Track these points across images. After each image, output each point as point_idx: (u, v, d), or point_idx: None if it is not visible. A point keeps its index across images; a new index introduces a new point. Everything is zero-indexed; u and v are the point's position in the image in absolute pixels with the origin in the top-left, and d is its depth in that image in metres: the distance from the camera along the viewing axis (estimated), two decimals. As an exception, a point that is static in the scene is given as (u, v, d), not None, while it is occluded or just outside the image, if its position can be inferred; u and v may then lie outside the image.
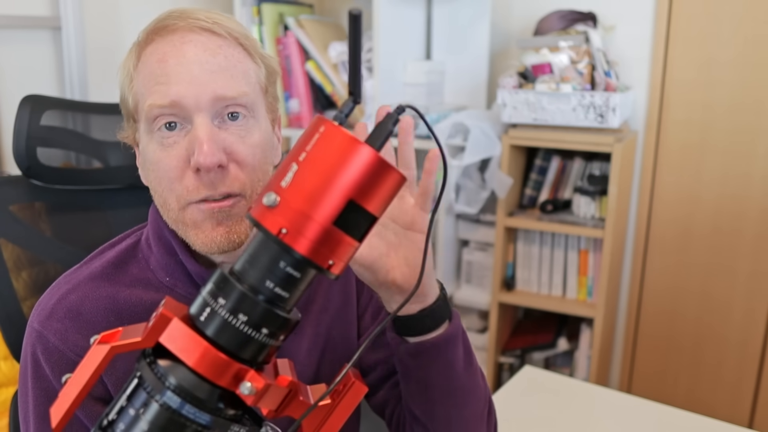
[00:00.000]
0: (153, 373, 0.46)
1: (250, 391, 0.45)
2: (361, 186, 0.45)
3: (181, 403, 0.45)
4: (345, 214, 0.45)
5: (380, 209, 0.47)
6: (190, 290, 0.75)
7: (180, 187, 0.69)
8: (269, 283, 0.46)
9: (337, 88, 2.26)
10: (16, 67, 1.91)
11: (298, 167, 0.45)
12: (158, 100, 0.67)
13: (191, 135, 0.68)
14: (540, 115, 1.95)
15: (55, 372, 0.70)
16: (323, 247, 0.45)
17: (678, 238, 2.21)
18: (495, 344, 2.20)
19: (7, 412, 1.02)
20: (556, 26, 2.06)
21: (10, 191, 0.98)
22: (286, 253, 0.46)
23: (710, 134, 2.12)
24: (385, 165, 0.46)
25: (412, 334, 0.68)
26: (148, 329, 0.47)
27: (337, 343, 0.84)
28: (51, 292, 0.74)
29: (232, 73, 0.70)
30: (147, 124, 0.70)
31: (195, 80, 0.67)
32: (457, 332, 0.69)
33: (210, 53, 0.69)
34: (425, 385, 0.70)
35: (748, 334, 2.15)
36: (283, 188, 0.45)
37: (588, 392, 1.35)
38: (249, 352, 0.47)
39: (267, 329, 0.46)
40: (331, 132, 0.45)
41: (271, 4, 2.28)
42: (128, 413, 0.46)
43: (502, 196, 2.06)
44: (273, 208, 0.45)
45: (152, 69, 0.69)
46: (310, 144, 0.46)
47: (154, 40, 0.70)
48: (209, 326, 0.46)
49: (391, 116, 0.50)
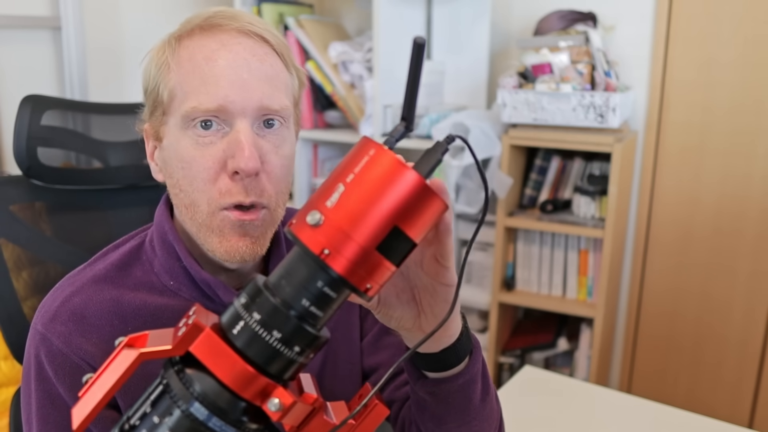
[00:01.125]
0: (181, 383, 0.46)
1: (278, 408, 0.45)
2: (405, 212, 0.45)
3: (209, 416, 0.45)
4: (388, 239, 0.45)
5: (420, 236, 0.47)
6: (195, 294, 0.75)
7: (213, 189, 0.68)
8: (305, 301, 0.46)
9: (337, 88, 2.26)
10: (16, 67, 1.91)
11: (345, 188, 0.45)
12: (205, 103, 0.67)
13: (231, 138, 0.68)
14: (540, 115, 1.96)
15: (58, 375, 0.70)
16: (361, 270, 0.45)
17: (678, 238, 2.21)
18: (495, 344, 2.20)
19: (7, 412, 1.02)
20: (556, 26, 2.06)
21: (10, 191, 0.98)
22: (324, 273, 0.45)
23: (710, 134, 2.12)
24: (430, 192, 0.46)
25: (431, 370, 0.65)
26: (179, 338, 0.46)
27: (339, 346, 0.84)
28: (54, 293, 0.74)
29: (276, 84, 0.70)
30: (183, 120, 0.69)
31: (245, 85, 0.67)
32: (476, 372, 0.66)
33: (258, 59, 0.69)
34: (440, 419, 0.68)
35: (748, 334, 2.15)
36: (329, 208, 0.45)
37: (588, 392, 1.35)
38: (277, 368, 0.46)
39: (298, 346, 0.46)
40: (380, 156, 0.45)
41: (271, 4, 2.28)
42: (151, 420, 0.46)
43: (502, 196, 2.06)
44: (316, 228, 0.45)
45: (198, 66, 0.68)
46: (358, 166, 0.45)
47: (198, 35, 0.70)
48: (240, 339, 0.46)
49: (441, 145, 0.50)
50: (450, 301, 0.59)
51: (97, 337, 0.71)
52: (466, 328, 0.64)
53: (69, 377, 0.70)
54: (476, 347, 0.66)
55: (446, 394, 0.65)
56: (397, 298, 0.60)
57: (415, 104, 0.49)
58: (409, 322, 0.61)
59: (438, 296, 0.59)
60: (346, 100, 2.25)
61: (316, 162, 2.43)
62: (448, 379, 0.64)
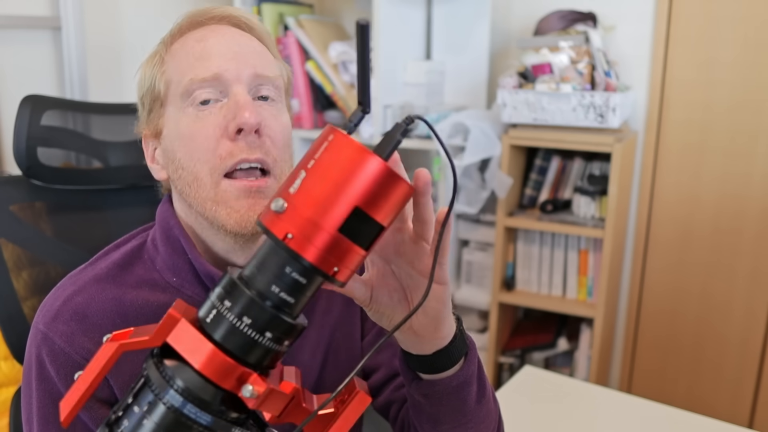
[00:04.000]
0: (159, 373, 0.47)
1: (252, 394, 0.46)
2: (367, 194, 0.45)
3: (183, 402, 0.46)
4: (351, 222, 0.45)
5: (388, 219, 0.48)
6: (198, 291, 0.75)
7: (214, 157, 0.69)
8: (275, 288, 0.47)
9: (337, 88, 2.26)
10: (16, 67, 1.91)
11: (306, 174, 0.46)
12: (200, 74, 0.70)
13: (230, 102, 0.70)
14: (540, 115, 1.96)
15: (60, 374, 0.70)
16: (329, 254, 0.46)
17: (678, 237, 2.22)
18: (495, 344, 2.20)
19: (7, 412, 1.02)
20: (556, 26, 2.06)
21: (10, 191, 0.98)
22: (292, 259, 0.46)
23: (710, 134, 2.12)
24: (392, 174, 0.46)
25: (424, 372, 0.65)
26: (156, 329, 0.47)
27: (340, 346, 0.84)
28: (56, 293, 0.74)
29: (267, 58, 0.74)
30: (181, 100, 0.71)
31: (237, 56, 0.71)
32: (471, 374, 0.65)
33: (247, 38, 0.74)
34: (435, 420, 0.68)
35: (748, 334, 2.16)
36: (291, 194, 0.46)
37: (588, 392, 1.35)
38: (254, 356, 0.47)
39: (272, 334, 0.47)
40: (339, 141, 0.46)
41: (271, 4, 2.28)
42: (133, 411, 0.47)
43: (502, 196, 2.06)
44: (281, 214, 0.46)
45: (191, 48, 0.72)
46: (318, 152, 0.46)
47: (187, 31, 0.74)
48: (216, 329, 0.47)
49: (400, 126, 0.50)
50: (442, 299, 0.59)
51: (99, 336, 0.71)
52: (461, 331, 0.64)
53: (71, 377, 0.70)
54: (472, 349, 0.66)
55: (440, 395, 0.65)
56: (389, 297, 0.60)
57: (368, 87, 0.49)
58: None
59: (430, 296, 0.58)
60: (346, 100, 2.25)
61: (316, 162, 2.43)
62: (441, 381, 0.64)
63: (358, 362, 0.84)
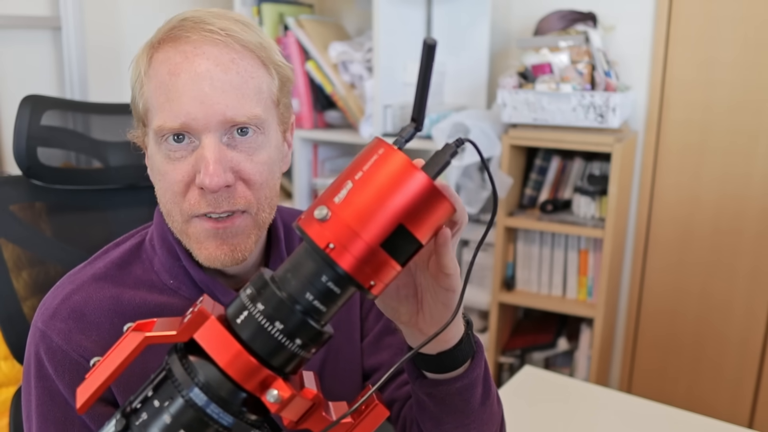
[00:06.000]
0: (183, 368, 0.46)
1: (276, 399, 0.46)
2: (412, 211, 0.45)
3: (207, 402, 0.46)
4: (393, 238, 0.45)
5: (427, 236, 0.48)
6: (195, 294, 0.75)
7: (183, 201, 0.69)
8: (309, 295, 0.47)
9: (337, 88, 2.26)
10: (16, 67, 1.91)
11: (353, 185, 0.46)
12: (168, 122, 0.67)
13: (198, 153, 0.67)
14: (540, 115, 1.95)
15: (58, 372, 0.70)
16: (367, 267, 0.45)
17: (678, 237, 2.21)
18: (495, 344, 2.20)
19: (7, 412, 1.02)
20: (556, 26, 2.06)
21: (10, 191, 0.98)
22: (329, 268, 0.46)
23: (710, 134, 2.12)
24: (437, 193, 0.46)
25: (430, 371, 0.65)
26: (183, 324, 0.47)
27: (340, 345, 0.84)
28: (55, 291, 0.74)
29: (244, 91, 0.68)
30: (155, 136, 0.69)
31: (206, 99, 0.66)
32: (476, 377, 0.65)
33: (222, 69, 0.67)
34: (438, 419, 0.68)
35: (748, 334, 2.15)
36: (336, 204, 0.46)
37: (588, 392, 1.35)
38: (279, 360, 0.47)
39: (300, 340, 0.47)
40: (389, 155, 0.46)
41: (271, 4, 2.28)
42: (152, 404, 0.47)
43: (502, 196, 2.06)
44: (323, 222, 0.45)
45: (163, 80, 0.68)
46: (367, 164, 0.46)
47: (165, 47, 0.69)
48: (244, 329, 0.47)
49: (450, 147, 0.51)
50: (451, 305, 0.58)
51: (97, 335, 0.71)
52: (468, 334, 0.64)
53: (69, 374, 0.70)
54: (478, 352, 0.66)
55: (444, 395, 0.65)
56: (397, 292, 0.60)
57: (425, 105, 0.49)
58: (406, 317, 0.61)
59: (438, 299, 0.59)
60: (346, 100, 2.25)
61: (316, 162, 2.43)
62: (446, 381, 0.64)
63: (357, 363, 0.85)
